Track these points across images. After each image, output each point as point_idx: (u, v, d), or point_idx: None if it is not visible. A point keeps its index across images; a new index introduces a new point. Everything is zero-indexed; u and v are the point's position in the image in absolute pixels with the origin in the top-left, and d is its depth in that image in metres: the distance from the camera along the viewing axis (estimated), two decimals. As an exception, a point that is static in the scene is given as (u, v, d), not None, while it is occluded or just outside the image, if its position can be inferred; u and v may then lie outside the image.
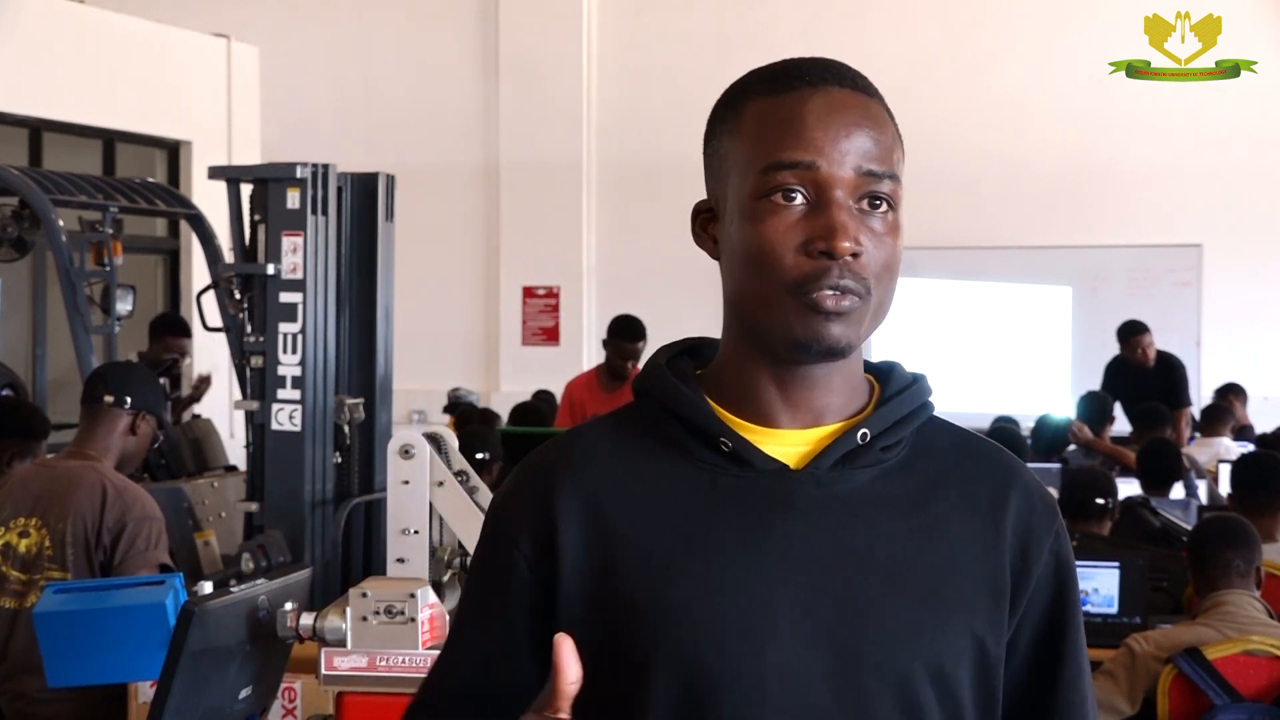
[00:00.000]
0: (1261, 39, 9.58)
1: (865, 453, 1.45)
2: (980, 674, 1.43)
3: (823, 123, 1.42)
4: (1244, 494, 5.41)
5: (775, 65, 1.48)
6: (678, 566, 1.41)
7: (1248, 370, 9.99)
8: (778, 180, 1.41)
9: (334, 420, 5.54)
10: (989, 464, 1.51)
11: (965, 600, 1.43)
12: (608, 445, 1.49)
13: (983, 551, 1.45)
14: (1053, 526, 1.50)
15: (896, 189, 1.44)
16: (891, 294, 1.46)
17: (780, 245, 1.40)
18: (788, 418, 1.46)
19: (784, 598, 1.40)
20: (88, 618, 3.46)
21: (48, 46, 9.83)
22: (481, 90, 11.51)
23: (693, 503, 1.43)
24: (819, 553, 1.41)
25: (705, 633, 1.39)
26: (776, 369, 1.45)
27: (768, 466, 1.44)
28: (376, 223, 5.72)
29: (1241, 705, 3.94)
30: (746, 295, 1.44)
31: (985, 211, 10.75)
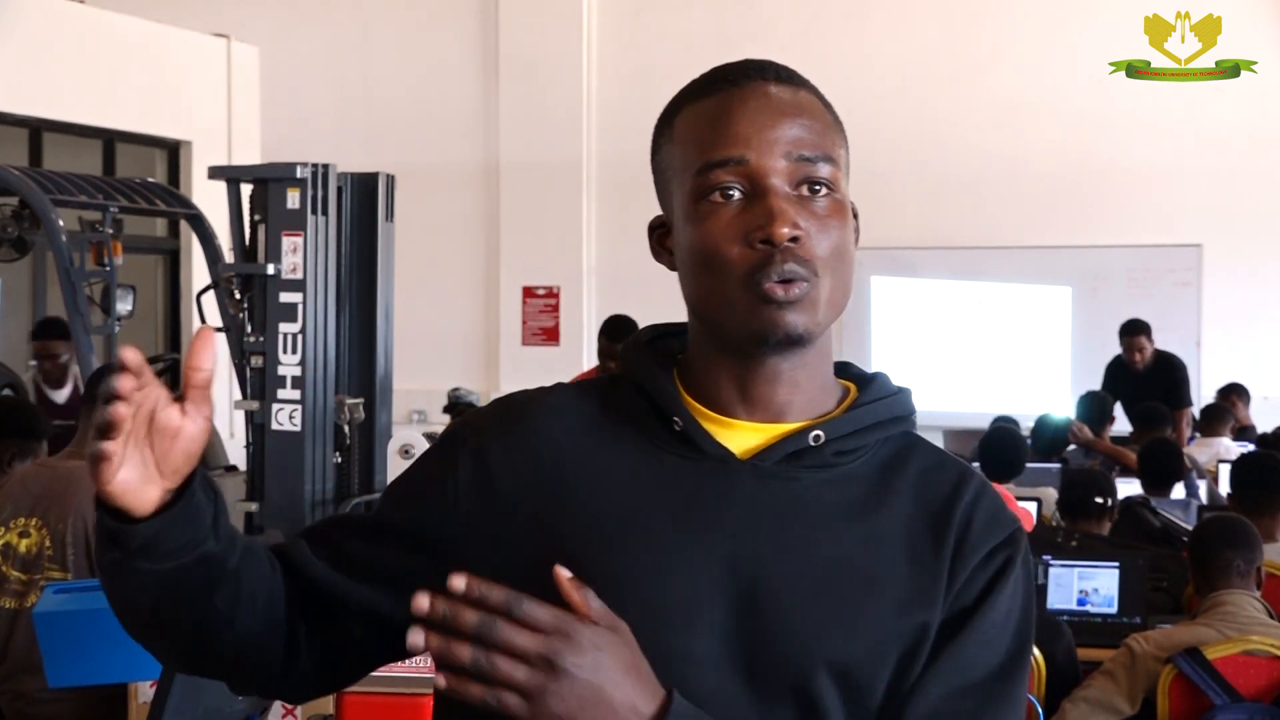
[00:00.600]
0: (1261, 39, 9.59)
1: (815, 454, 1.45)
2: (895, 680, 1.41)
3: (748, 117, 1.43)
4: (1244, 494, 5.42)
5: (704, 74, 1.50)
6: (607, 534, 1.42)
7: (1248, 370, 9.99)
8: (712, 179, 1.42)
9: (334, 420, 5.55)
10: (944, 483, 1.48)
11: (890, 612, 1.41)
12: (577, 408, 1.51)
13: (918, 568, 1.43)
14: (990, 542, 1.45)
15: (835, 172, 1.45)
16: (846, 279, 1.45)
17: (723, 241, 1.41)
18: (745, 412, 1.46)
19: (703, 582, 1.40)
20: (88, 618, 3.46)
21: (48, 46, 9.83)
22: (481, 90, 11.51)
23: (638, 478, 1.45)
24: (745, 543, 1.41)
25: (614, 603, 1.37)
26: (738, 368, 1.46)
27: (714, 452, 1.45)
28: (376, 223, 5.72)
29: (1241, 705, 3.94)
30: (703, 298, 1.45)
31: (985, 211, 10.74)
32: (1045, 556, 5.00)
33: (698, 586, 1.40)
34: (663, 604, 1.40)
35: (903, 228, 10.75)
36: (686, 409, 1.46)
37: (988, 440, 7.02)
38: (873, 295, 10.87)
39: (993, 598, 1.44)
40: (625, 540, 1.42)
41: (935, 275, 10.79)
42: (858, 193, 1.48)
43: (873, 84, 10.87)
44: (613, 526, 1.43)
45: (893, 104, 10.84)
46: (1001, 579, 1.45)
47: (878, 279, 10.86)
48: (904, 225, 10.75)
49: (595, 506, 1.44)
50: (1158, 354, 9.06)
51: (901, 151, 10.78)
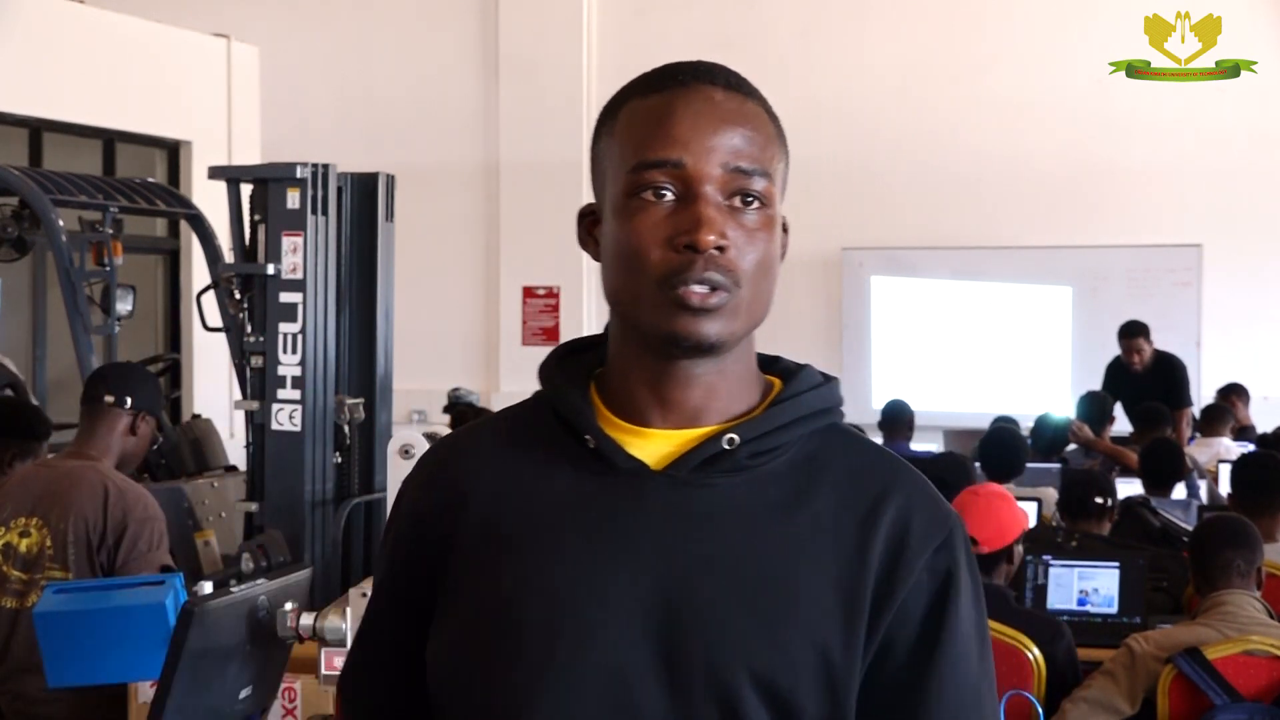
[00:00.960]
0: (1261, 39, 9.59)
1: (730, 458, 1.44)
2: (825, 691, 1.39)
3: (690, 120, 1.43)
4: (1244, 494, 5.42)
5: (654, 70, 1.50)
6: (527, 559, 1.44)
7: (1248, 370, 9.99)
8: (646, 178, 1.42)
9: (334, 420, 5.55)
10: (874, 478, 1.46)
11: (811, 614, 1.40)
12: (496, 440, 1.53)
13: (841, 567, 1.41)
14: (932, 544, 1.43)
15: (769, 187, 1.44)
16: (767, 292, 1.45)
17: (648, 241, 1.41)
18: (660, 418, 1.46)
19: (623, 597, 1.40)
20: (88, 618, 3.45)
21: (48, 46, 9.83)
22: (481, 90, 11.51)
23: (555, 498, 1.45)
24: (662, 555, 1.41)
25: (536, 623, 1.41)
26: (653, 368, 1.46)
27: (627, 466, 1.44)
28: (376, 223, 5.72)
29: (1241, 705, 3.94)
30: (621, 292, 1.45)
31: (985, 211, 10.75)
32: (1045, 556, 5.00)
33: (619, 602, 1.40)
34: (586, 622, 1.40)
35: (903, 228, 10.76)
36: (598, 425, 1.46)
37: (988, 440, 7.02)
38: (873, 295, 10.88)
39: (952, 620, 1.43)
40: (546, 561, 1.43)
41: (935, 275, 10.79)
42: (859, 192, 1.48)
43: (873, 84, 10.88)
44: (532, 548, 1.44)
45: (893, 104, 10.85)
46: (952, 590, 1.44)
47: (878, 279, 10.86)
48: (904, 225, 10.76)
49: (516, 532, 1.45)
50: (1158, 354, 9.06)
51: (901, 151, 10.79)
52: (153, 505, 4.34)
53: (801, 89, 10.83)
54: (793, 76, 10.84)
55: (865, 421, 8.84)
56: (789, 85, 10.82)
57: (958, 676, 1.43)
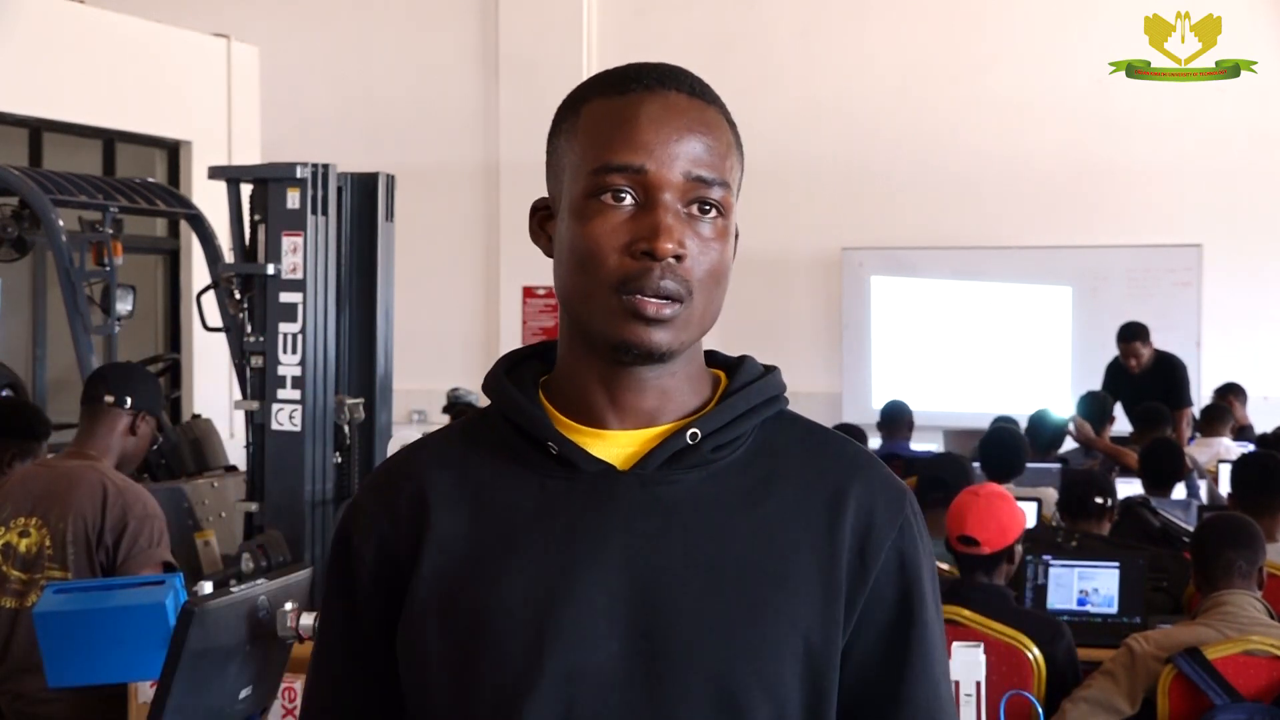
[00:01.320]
0: (1261, 39, 9.59)
1: (694, 453, 1.45)
2: (808, 675, 1.41)
3: (654, 126, 1.42)
4: (1245, 494, 5.42)
5: (617, 69, 1.49)
6: (501, 568, 1.43)
7: (1248, 370, 9.99)
8: (607, 181, 1.42)
9: (334, 420, 5.55)
10: (832, 460, 1.48)
11: (790, 600, 1.41)
12: (449, 453, 1.51)
13: (815, 551, 1.43)
14: (896, 522, 1.47)
15: (727, 196, 1.44)
16: (718, 300, 1.45)
17: (605, 245, 1.41)
18: (616, 420, 1.46)
19: (600, 598, 1.40)
20: (88, 618, 3.45)
21: (48, 46, 9.83)
22: (481, 90, 11.51)
23: (520, 506, 1.45)
24: (639, 554, 1.41)
25: (519, 633, 1.40)
26: (604, 372, 1.46)
27: (593, 468, 1.44)
28: (376, 223, 5.72)
29: (1241, 705, 3.94)
30: (573, 293, 1.45)
31: (985, 211, 10.74)
32: (1045, 556, 4.99)
33: (597, 605, 1.40)
34: (564, 627, 1.40)
35: (903, 228, 10.76)
36: (558, 430, 1.46)
37: (988, 440, 7.02)
38: (873, 295, 10.87)
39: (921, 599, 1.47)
40: (518, 571, 1.42)
41: (935, 275, 10.79)
42: (859, 192, 1.48)
43: (873, 84, 10.87)
44: (502, 560, 1.43)
45: (893, 104, 10.84)
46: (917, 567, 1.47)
47: (878, 279, 10.86)
48: (904, 225, 10.76)
49: (482, 545, 1.44)
50: (1158, 354, 9.06)
51: (901, 151, 10.79)
52: (152, 504, 4.34)
53: (801, 89, 10.83)
54: (793, 76, 10.84)
55: (865, 421, 8.84)
56: (789, 85, 10.85)
57: (932, 657, 1.47)
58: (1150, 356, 9.01)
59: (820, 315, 10.93)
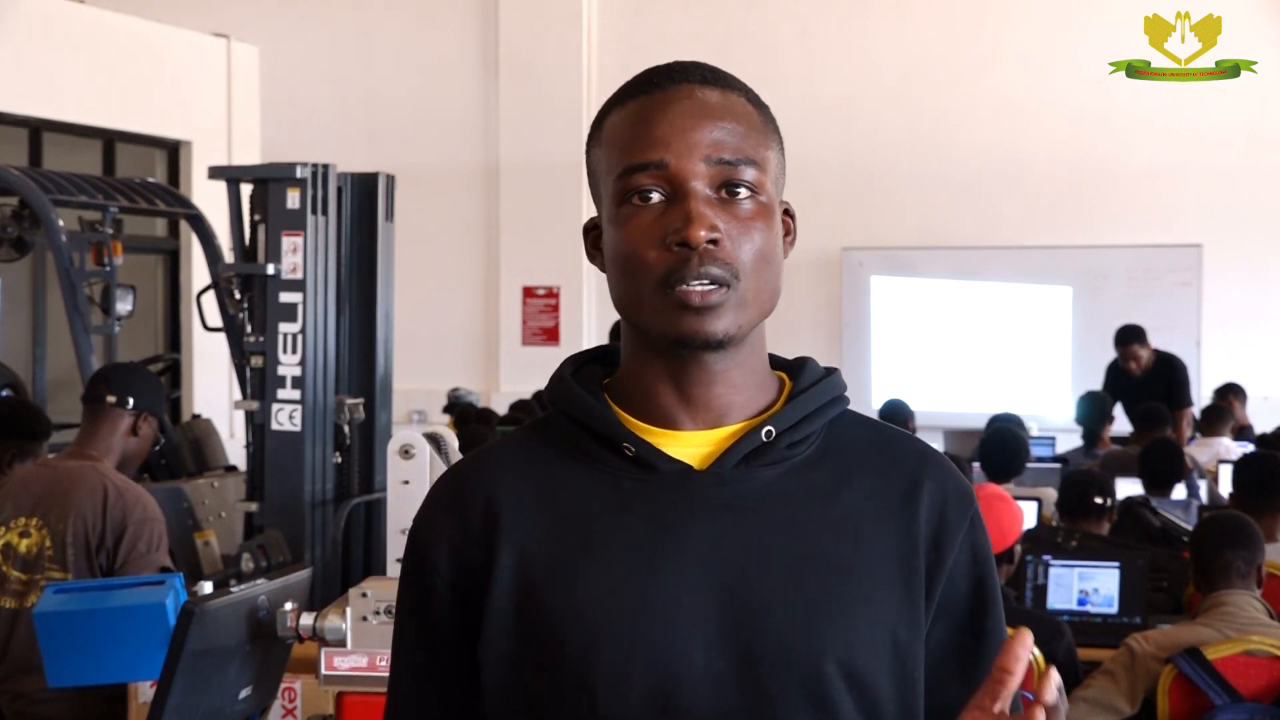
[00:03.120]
0: (1261, 39, 9.58)
1: (770, 450, 1.45)
2: (897, 666, 1.42)
3: (668, 120, 1.43)
4: (1245, 494, 5.41)
5: (634, 78, 1.51)
6: (582, 570, 1.42)
7: (1248, 370, 9.99)
8: (633, 183, 1.43)
9: (334, 420, 5.55)
10: (901, 455, 1.50)
11: (875, 594, 1.42)
12: (517, 459, 1.51)
13: (894, 544, 1.44)
14: (967, 515, 1.49)
15: (759, 175, 1.44)
16: (772, 280, 1.45)
17: (642, 244, 1.42)
18: (689, 419, 1.47)
19: (687, 598, 1.40)
20: (88, 618, 3.45)
21: (48, 46, 9.83)
22: (481, 90, 11.51)
23: (598, 508, 1.45)
24: (723, 552, 1.41)
25: (608, 634, 1.40)
26: (671, 369, 1.46)
27: (670, 468, 1.45)
28: (376, 223, 5.72)
29: (1241, 705, 3.94)
30: (625, 299, 1.45)
31: (985, 211, 10.75)
32: (1045, 556, 4.99)
33: (685, 605, 1.40)
34: (654, 629, 1.40)
35: (903, 228, 10.76)
36: (632, 431, 1.46)
37: (988, 440, 7.02)
38: (873, 295, 10.88)
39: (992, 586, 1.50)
40: (600, 573, 1.42)
41: (935, 275, 10.79)
42: (859, 192, 1.48)
43: (873, 84, 10.88)
44: (583, 563, 1.43)
45: (893, 104, 10.85)
46: (985, 557, 1.50)
47: (878, 279, 10.86)
48: (904, 225, 10.77)
49: (561, 549, 1.44)
50: (1158, 354, 9.05)
51: (901, 151, 10.79)
52: (152, 506, 4.34)
53: (801, 89, 10.83)
54: (793, 76, 10.84)
55: (865, 421, 8.83)
56: (789, 85, 10.84)
57: (1000, 641, 1.48)
58: (1150, 358, 9.01)
59: (820, 315, 10.93)
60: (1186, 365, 9.19)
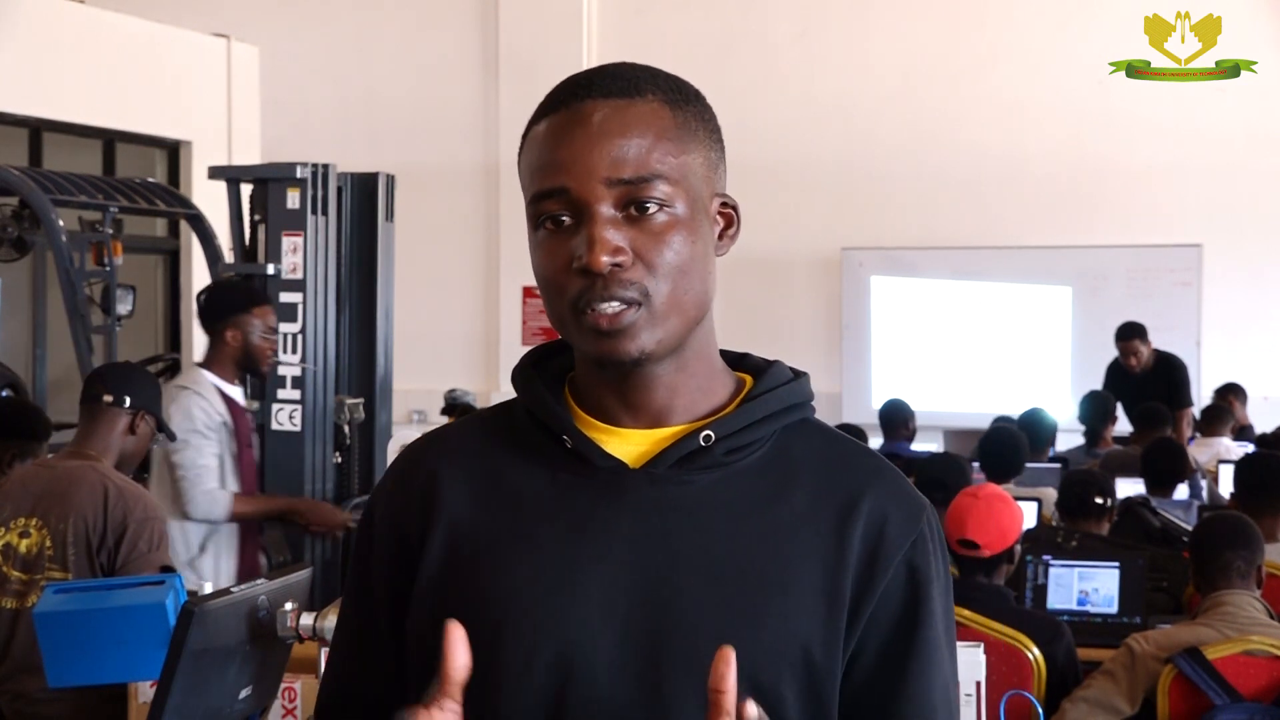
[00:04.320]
0: (1261, 39, 9.58)
1: (706, 455, 1.44)
2: (807, 684, 1.41)
3: (567, 143, 1.43)
4: (1246, 494, 5.41)
5: (553, 89, 1.51)
6: (504, 556, 1.44)
7: (1248, 370, 9.99)
8: (542, 209, 1.44)
9: (334, 420, 5.55)
10: (847, 470, 1.47)
11: (793, 608, 1.41)
12: (470, 440, 1.53)
13: (821, 561, 1.42)
14: (910, 535, 1.45)
15: (670, 188, 1.41)
16: (694, 288, 1.43)
17: (554, 270, 1.42)
18: (629, 418, 1.47)
19: (601, 593, 1.41)
20: (88, 618, 3.45)
21: (48, 46, 9.83)
22: (481, 90, 11.51)
23: (532, 496, 1.46)
24: (642, 551, 1.41)
25: (516, 622, 1.41)
26: (609, 375, 1.46)
27: (605, 464, 1.45)
28: (376, 223, 5.73)
29: (1241, 705, 3.94)
30: (552, 319, 1.46)
31: (985, 211, 10.75)
32: (1045, 556, 4.99)
33: (600, 600, 1.41)
34: (567, 620, 1.40)
35: (903, 228, 10.76)
36: (575, 425, 1.46)
37: (987, 440, 7.01)
38: (873, 295, 10.88)
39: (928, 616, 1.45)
40: (525, 561, 1.43)
41: (935, 275, 10.79)
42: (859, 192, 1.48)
43: (873, 84, 10.88)
44: (509, 547, 1.44)
45: (893, 104, 10.84)
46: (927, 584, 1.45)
47: (878, 279, 10.86)
48: (904, 225, 10.76)
49: (490, 531, 1.45)
50: (1158, 354, 9.06)
51: (901, 151, 10.79)
52: (153, 505, 4.34)
53: (801, 89, 10.83)
54: (793, 76, 10.84)
55: (865, 421, 8.84)
56: (789, 85, 10.85)
57: (932, 676, 1.45)
58: (1150, 356, 9.02)
59: (820, 315, 10.93)
60: (1186, 365, 9.19)
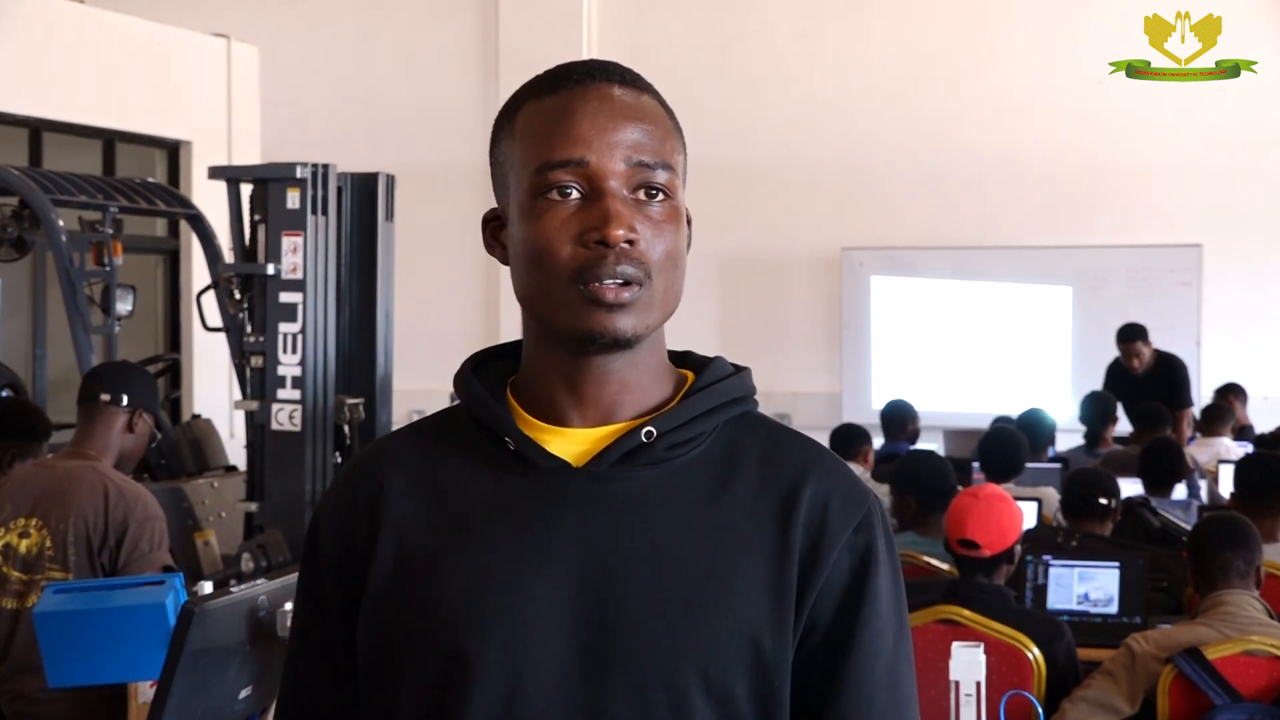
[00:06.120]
0: (1261, 39, 9.58)
1: (649, 451, 1.45)
2: (757, 676, 1.41)
3: (590, 118, 1.44)
4: (1246, 494, 5.41)
5: (547, 71, 1.52)
6: (451, 560, 1.44)
7: (1248, 370, 9.99)
8: (551, 178, 1.43)
9: (334, 420, 5.55)
10: (787, 461, 1.48)
11: (740, 601, 1.41)
12: (413, 448, 1.53)
13: (767, 552, 1.43)
14: (852, 521, 1.46)
15: (673, 179, 1.46)
16: (677, 284, 1.46)
17: (557, 239, 1.42)
18: (578, 416, 1.47)
19: (548, 593, 1.41)
20: (88, 618, 3.45)
21: (48, 46, 9.83)
22: (481, 90, 11.51)
23: (476, 500, 1.46)
24: (588, 550, 1.42)
25: (464, 624, 1.41)
26: (567, 366, 1.47)
27: (548, 464, 1.46)
28: (376, 223, 5.73)
29: (1241, 705, 3.94)
30: (531, 292, 1.46)
31: (985, 211, 10.74)
32: (1045, 556, 4.99)
33: (544, 600, 1.41)
34: (510, 621, 1.41)
35: (903, 228, 10.76)
36: (517, 427, 1.47)
37: (988, 440, 7.01)
38: (873, 295, 10.87)
39: (870, 598, 1.45)
40: (467, 564, 1.43)
41: (935, 275, 10.79)
42: (859, 192, 1.47)
43: (873, 84, 10.87)
44: (455, 553, 1.44)
45: (893, 104, 10.84)
46: (871, 567, 1.46)
47: (877, 279, 10.86)
48: (904, 225, 10.76)
49: (436, 538, 1.46)
50: (1158, 354, 9.06)
51: (901, 151, 10.78)
52: (153, 505, 4.34)
53: (801, 89, 10.83)
54: (793, 76, 10.84)
55: (866, 421, 8.84)
56: (789, 85, 10.85)
57: (873, 656, 1.45)
58: (1151, 356, 9.02)
59: (820, 315, 10.92)
60: (1187, 365, 9.19)
